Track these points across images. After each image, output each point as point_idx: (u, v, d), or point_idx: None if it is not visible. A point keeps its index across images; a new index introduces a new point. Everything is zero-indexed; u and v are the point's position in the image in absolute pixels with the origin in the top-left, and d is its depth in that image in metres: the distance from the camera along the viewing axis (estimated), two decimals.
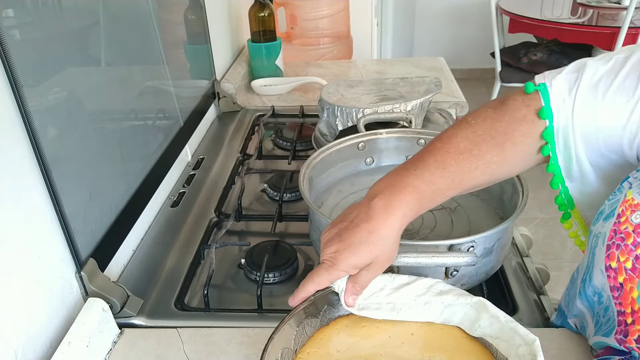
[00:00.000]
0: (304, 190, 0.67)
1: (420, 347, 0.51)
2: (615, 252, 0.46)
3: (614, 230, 0.47)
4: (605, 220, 0.48)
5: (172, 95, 0.96)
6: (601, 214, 0.50)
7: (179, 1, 1.06)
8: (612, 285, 0.47)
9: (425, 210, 0.52)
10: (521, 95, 0.55)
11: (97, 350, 0.59)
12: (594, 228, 0.50)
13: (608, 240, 0.47)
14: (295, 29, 1.72)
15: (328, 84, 1.02)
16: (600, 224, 0.49)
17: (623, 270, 0.46)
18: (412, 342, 0.52)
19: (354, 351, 0.51)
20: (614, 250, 0.46)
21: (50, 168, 0.56)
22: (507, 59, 2.73)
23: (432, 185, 0.51)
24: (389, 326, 0.53)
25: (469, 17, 3.79)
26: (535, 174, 0.62)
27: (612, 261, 0.46)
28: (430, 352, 0.51)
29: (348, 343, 0.52)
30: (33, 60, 0.55)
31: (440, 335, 0.53)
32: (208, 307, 0.66)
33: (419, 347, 0.51)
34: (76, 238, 0.60)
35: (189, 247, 0.77)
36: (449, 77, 1.41)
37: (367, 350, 0.51)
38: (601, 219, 0.49)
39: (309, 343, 0.52)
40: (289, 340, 0.50)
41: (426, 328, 0.53)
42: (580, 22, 2.52)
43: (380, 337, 0.52)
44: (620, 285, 0.46)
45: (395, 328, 0.53)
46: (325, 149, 0.76)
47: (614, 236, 0.47)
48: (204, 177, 0.97)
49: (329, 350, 0.51)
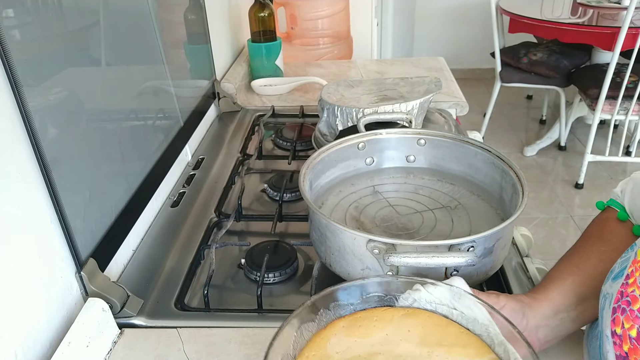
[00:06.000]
0: (304, 190, 0.67)
1: (417, 343, 0.52)
2: (620, 317, 0.44)
3: (621, 293, 0.44)
4: (615, 280, 0.46)
5: (172, 95, 0.96)
6: (611, 273, 0.48)
7: (179, 1, 1.06)
8: (618, 354, 0.44)
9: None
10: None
11: (97, 350, 0.59)
12: (604, 288, 0.49)
13: (614, 303, 0.45)
14: (295, 29, 1.72)
15: (328, 84, 1.02)
16: (609, 284, 0.47)
17: (628, 338, 0.43)
18: (409, 339, 0.52)
19: (353, 351, 0.51)
20: (619, 314, 0.44)
21: (50, 168, 0.56)
22: (507, 59, 2.73)
23: None
24: (385, 324, 0.54)
25: (469, 17, 3.80)
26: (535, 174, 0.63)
27: (617, 327, 0.44)
28: (428, 347, 0.51)
29: (346, 344, 0.52)
30: (33, 60, 0.55)
31: (437, 331, 0.53)
32: (208, 307, 0.66)
33: (417, 343, 0.52)
34: (76, 238, 0.61)
35: (189, 247, 0.77)
36: (449, 77, 1.41)
37: (365, 349, 0.51)
38: (610, 278, 0.48)
39: (307, 347, 0.52)
40: (288, 346, 0.51)
41: (423, 324, 0.54)
42: (580, 22, 2.52)
43: (377, 335, 0.53)
44: (625, 354, 0.43)
45: (392, 326, 0.54)
46: (325, 149, 0.76)
47: (620, 299, 0.44)
48: (204, 177, 0.97)
49: (327, 352, 0.51)
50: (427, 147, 0.81)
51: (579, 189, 2.55)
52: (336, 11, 1.72)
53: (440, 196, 0.76)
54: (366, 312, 0.55)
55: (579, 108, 2.69)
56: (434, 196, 0.76)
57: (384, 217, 0.71)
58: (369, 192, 0.77)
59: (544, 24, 2.47)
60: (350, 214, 0.73)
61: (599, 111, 2.37)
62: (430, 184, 0.79)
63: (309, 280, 0.69)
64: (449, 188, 0.77)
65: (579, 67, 2.67)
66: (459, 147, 0.78)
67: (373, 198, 0.76)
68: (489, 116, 2.94)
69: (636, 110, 2.36)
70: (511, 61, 2.71)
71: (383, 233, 0.68)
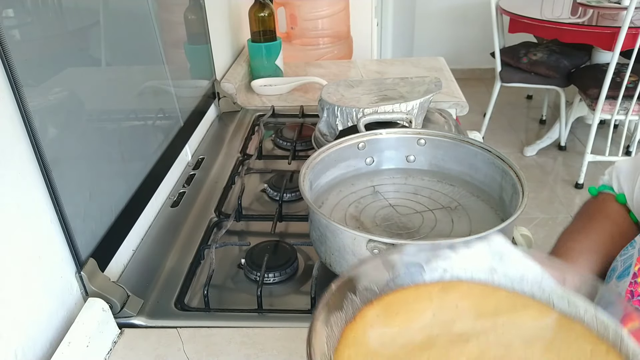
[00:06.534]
0: (304, 190, 0.67)
1: (473, 317, 0.46)
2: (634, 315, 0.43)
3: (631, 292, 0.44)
4: (620, 279, 0.46)
5: (172, 95, 0.96)
6: (613, 272, 0.48)
7: (179, 1, 1.06)
8: None
9: None
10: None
11: (97, 350, 0.59)
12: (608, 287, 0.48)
13: None
14: (295, 29, 1.72)
15: (328, 84, 1.02)
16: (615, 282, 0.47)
17: None
18: (462, 316, 0.46)
19: (403, 341, 0.44)
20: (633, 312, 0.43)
21: (50, 168, 0.56)
22: (507, 59, 2.73)
23: None
24: (425, 304, 0.47)
25: (469, 17, 3.80)
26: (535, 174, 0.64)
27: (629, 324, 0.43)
28: (487, 319, 0.45)
29: (390, 334, 0.45)
30: (33, 60, 0.55)
31: (487, 300, 0.47)
32: (208, 307, 0.66)
33: (473, 317, 0.46)
34: (76, 238, 0.60)
35: (189, 247, 0.77)
36: (449, 77, 1.41)
37: (417, 336, 0.44)
38: (614, 277, 0.47)
39: (343, 344, 0.45)
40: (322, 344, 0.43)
41: (468, 296, 0.48)
42: (580, 22, 2.52)
43: (422, 319, 0.46)
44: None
45: (434, 305, 0.47)
46: (325, 149, 0.76)
47: (630, 298, 0.44)
48: (204, 177, 0.97)
49: (370, 348, 0.44)
50: (427, 147, 0.81)
51: (579, 189, 2.55)
52: (336, 11, 1.72)
53: (440, 196, 0.76)
54: (396, 294, 0.48)
55: (579, 108, 2.69)
56: (434, 196, 0.76)
57: (384, 217, 0.71)
58: (369, 192, 0.77)
59: (544, 24, 2.47)
60: (350, 213, 0.73)
61: (599, 111, 2.36)
62: (430, 184, 0.79)
63: (309, 280, 0.69)
64: (449, 188, 0.77)
65: (579, 67, 2.67)
66: (459, 147, 0.78)
67: (373, 198, 0.76)
68: (489, 116, 2.94)
69: (636, 110, 2.36)
70: (511, 61, 2.71)
71: (383, 233, 0.68)
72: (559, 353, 0.43)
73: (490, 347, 0.43)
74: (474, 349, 0.43)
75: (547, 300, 0.47)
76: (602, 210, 0.68)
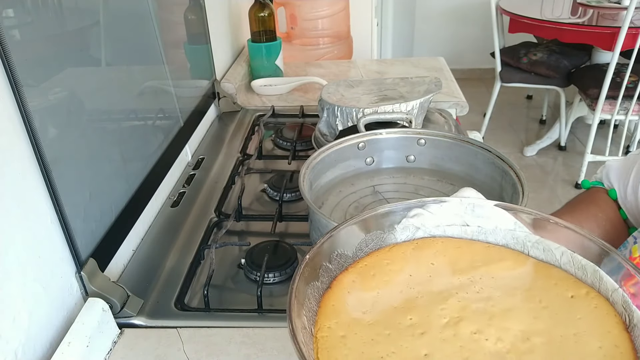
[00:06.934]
0: (304, 190, 0.67)
1: (450, 273, 0.45)
2: None
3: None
4: None
5: (172, 95, 0.96)
6: None
7: (179, 1, 1.06)
8: None
9: None
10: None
11: (97, 350, 0.59)
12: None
13: None
14: (295, 29, 1.72)
15: (328, 84, 1.02)
16: None
17: None
18: (438, 272, 0.46)
19: (384, 305, 0.43)
20: None
21: (50, 168, 0.56)
22: (507, 59, 2.73)
23: None
24: (400, 264, 0.47)
25: (469, 17, 3.80)
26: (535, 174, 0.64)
27: None
28: (464, 274, 0.45)
29: (369, 299, 0.44)
30: (33, 60, 0.55)
31: (462, 254, 0.47)
32: (208, 307, 0.66)
33: (449, 274, 0.45)
34: (76, 238, 0.60)
35: (189, 247, 0.77)
36: (449, 77, 1.41)
37: (397, 298, 0.43)
38: None
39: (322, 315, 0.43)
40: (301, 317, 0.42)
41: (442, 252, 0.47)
42: (580, 22, 2.52)
43: (399, 279, 0.45)
44: None
45: (410, 264, 0.46)
46: (325, 149, 0.76)
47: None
48: (204, 177, 0.97)
49: (352, 315, 0.42)
50: (427, 147, 0.81)
51: (579, 189, 2.55)
52: (336, 11, 1.72)
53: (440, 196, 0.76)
54: (369, 257, 0.48)
55: (579, 108, 2.69)
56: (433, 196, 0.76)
57: None
58: (369, 192, 0.77)
59: (544, 24, 2.47)
60: (350, 214, 0.73)
61: (599, 111, 2.36)
62: (430, 184, 0.79)
63: None
64: (449, 188, 0.77)
65: (579, 67, 2.67)
66: (459, 147, 0.78)
67: (373, 198, 0.76)
68: (489, 116, 2.94)
69: (636, 110, 2.36)
70: (511, 61, 2.71)
71: None
72: (539, 301, 0.43)
73: (470, 302, 0.43)
74: (455, 305, 0.43)
75: (521, 249, 0.46)
76: (593, 200, 0.69)
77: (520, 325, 0.40)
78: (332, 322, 0.42)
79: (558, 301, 0.43)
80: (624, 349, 0.38)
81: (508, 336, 0.40)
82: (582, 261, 0.44)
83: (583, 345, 0.39)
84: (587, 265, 0.43)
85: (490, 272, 0.45)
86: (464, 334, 0.40)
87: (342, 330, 0.41)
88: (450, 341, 0.40)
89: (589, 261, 0.43)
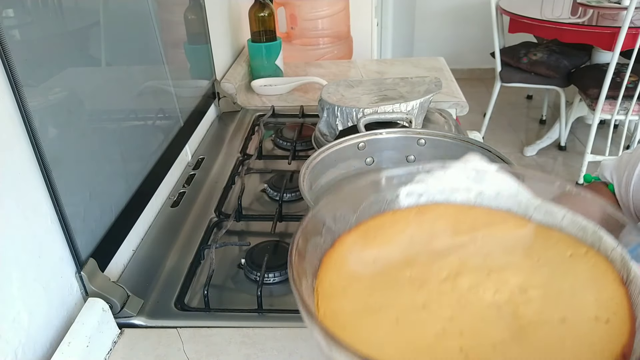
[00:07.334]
0: (304, 190, 0.67)
1: (451, 234, 0.46)
2: None
3: None
4: None
5: (172, 95, 0.96)
6: None
7: (179, 1, 1.06)
8: None
9: None
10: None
11: (97, 350, 0.59)
12: None
13: None
14: (295, 29, 1.72)
15: (328, 84, 1.02)
16: None
17: None
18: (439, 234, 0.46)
19: (383, 262, 0.43)
20: None
21: (50, 168, 0.56)
22: (507, 59, 2.73)
23: None
24: (402, 227, 0.47)
25: (469, 17, 3.80)
26: None
27: None
28: (465, 235, 0.46)
29: (370, 257, 0.44)
30: (33, 60, 0.55)
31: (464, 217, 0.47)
32: (208, 307, 0.66)
33: (450, 234, 0.46)
34: (76, 238, 0.60)
35: (189, 247, 0.77)
36: (449, 77, 1.41)
37: (396, 257, 0.44)
38: None
39: (323, 270, 0.44)
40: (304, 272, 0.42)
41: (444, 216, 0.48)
42: (580, 22, 2.52)
43: (400, 240, 0.46)
44: None
45: (412, 227, 0.47)
46: (325, 149, 0.76)
47: None
48: (204, 177, 0.97)
49: (352, 270, 0.43)
50: (427, 147, 0.81)
51: None
52: (336, 11, 1.72)
53: None
54: (372, 220, 0.48)
55: (579, 108, 2.69)
56: None
57: None
58: None
59: (544, 24, 2.47)
60: None
61: (599, 111, 2.36)
62: None
63: None
64: None
65: (579, 67, 2.67)
66: (459, 147, 0.78)
67: None
68: (489, 116, 2.94)
69: (636, 110, 2.36)
70: (511, 61, 2.71)
71: None
72: (538, 258, 0.44)
73: (469, 258, 0.43)
74: (455, 261, 0.43)
75: (524, 213, 0.47)
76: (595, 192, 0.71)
77: (518, 279, 0.41)
78: (333, 276, 0.43)
79: (557, 259, 0.44)
80: (619, 301, 0.39)
81: (506, 289, 0.40)
82: (583, 222, 0.44)
83: (579, 298, 0.40)
84: (588, 226, 0.44)
85: (491, 233, 0.46)
86: (462, 287, 0.41)
87: (342, 283, 0.42)
88: (448, 293, 0.40)
89: (589, 222, 0.44)
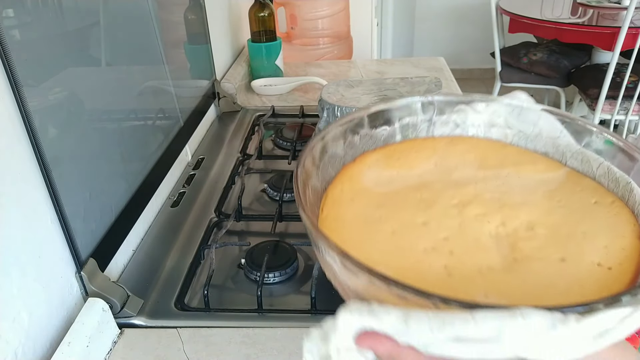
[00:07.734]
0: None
1: (476, 167, 0.44)
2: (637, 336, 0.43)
3: None
4: None
5: (172, 95, 0.96)
6: None
7: (179, 1, 1.06)
8: None
9: None
10: None
11: (97, 350, 0.59)
12: None
13: None
14: (295, 29, 1.72)
15: (328, 84, 1.02)
16: None
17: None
18: (464, 165, 0.45)
19: (398, 184, 0.42)
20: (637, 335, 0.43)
21: (50, 168, 0.56)
22: (507, 59, 2.73)
23: None
24: (429, 154, 0.46)
25: (469, 17, 3.80)
26: None
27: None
28: (490, 169, 0.44)
29: (386, 176, 0.43)
30: (33, 60, 0.55)
31: (494, 153, 0.46)
32: (208, 307, 0.66)
33: (475, 167, 0.44)
34: (76, 238, 0.61)
35: (189, 247, 0.77)
36: (449, 77, 1.41)
37: (413, 180, 0.43)
38: None
39: (338, 180, 0.43)
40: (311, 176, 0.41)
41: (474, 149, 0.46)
42: (580, 22, 2.52)
43: (423, 166, 0.44)
44: None
45: (437, 155, 0.45)
46: None
47: None
48: (204, 177, 0.97)
49: (364, 185, 0.42)
50: None
51: None
52: (336, 11, 1.72)
53: None
54: (400, 144, 0.47)
55: (579, 108, 2.69)
56: None
57: None
58: None
59: (544, 24, 2.47)
60: None
61: (599, 111, 2.36)
62: None
63: (309, 280, 0.69)
64: None
65: (579, 67, 2.67)
66: None
67: None
68: None
69: (636, 110, 2.36)
70: (511, 61, 2.71)
71: None
72: (559, 200, 0.42)
73: (486, 191, 0.42)
74: (470, 191, 0.42)
75: (560, 158, 0.45)
76: None
77: (530, 217, 0.40)
78: (345, 186, 0.43)
79: (578, 204, 0.42)
80: (630, 254, 0.37)
81: (512, 223, 0.39)
82: (617, 173, 0.42)
83: (589, 242, 0.38)
84: (621, 178, 0.42)
85: (518, 171, 0.44)
86: (469, 214, 0.40)
87: (352, 193, 0.42)
88: (452, 217, 0.39)
89: (624, 173, 0.42)
